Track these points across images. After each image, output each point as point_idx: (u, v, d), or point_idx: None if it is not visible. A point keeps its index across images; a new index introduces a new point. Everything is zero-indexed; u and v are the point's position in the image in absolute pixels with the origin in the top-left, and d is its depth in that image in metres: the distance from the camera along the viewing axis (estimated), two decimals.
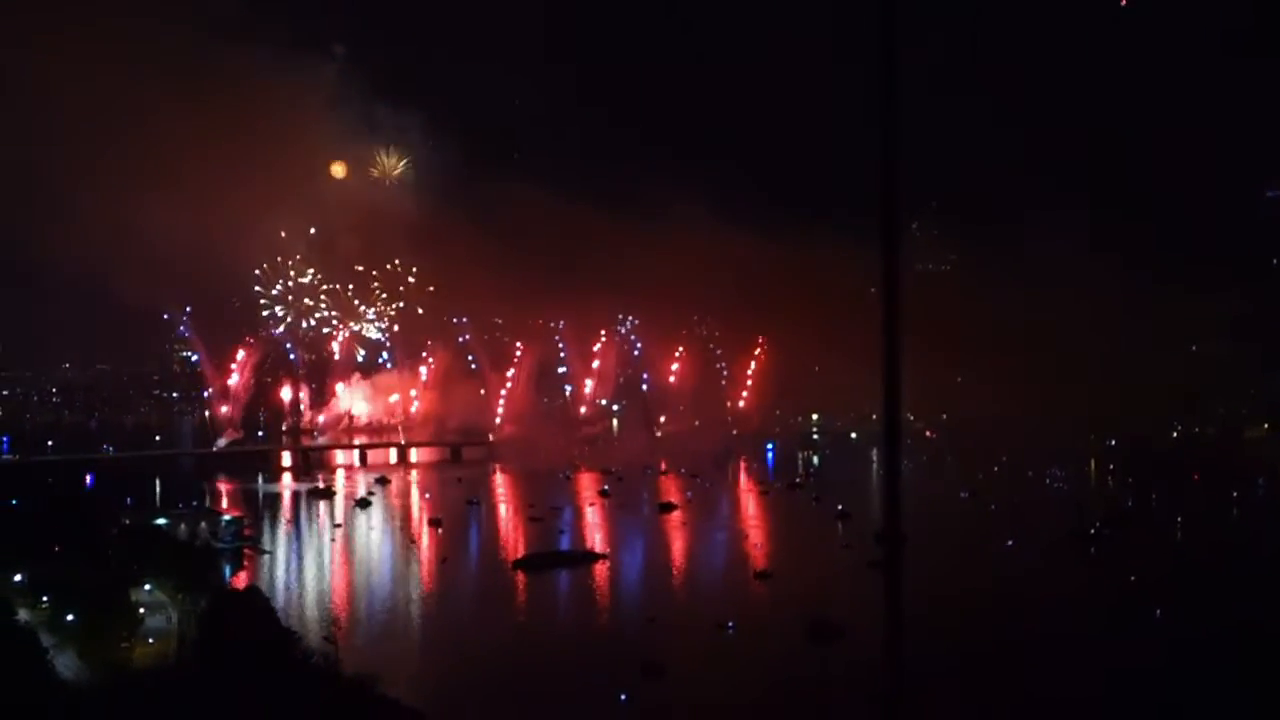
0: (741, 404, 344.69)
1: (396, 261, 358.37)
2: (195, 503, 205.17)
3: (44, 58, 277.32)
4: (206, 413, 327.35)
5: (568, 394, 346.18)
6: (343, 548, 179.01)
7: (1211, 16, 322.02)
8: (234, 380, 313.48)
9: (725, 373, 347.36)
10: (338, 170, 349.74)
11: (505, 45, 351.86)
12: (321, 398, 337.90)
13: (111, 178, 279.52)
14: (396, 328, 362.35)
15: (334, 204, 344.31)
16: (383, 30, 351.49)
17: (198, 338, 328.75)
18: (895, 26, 13.55)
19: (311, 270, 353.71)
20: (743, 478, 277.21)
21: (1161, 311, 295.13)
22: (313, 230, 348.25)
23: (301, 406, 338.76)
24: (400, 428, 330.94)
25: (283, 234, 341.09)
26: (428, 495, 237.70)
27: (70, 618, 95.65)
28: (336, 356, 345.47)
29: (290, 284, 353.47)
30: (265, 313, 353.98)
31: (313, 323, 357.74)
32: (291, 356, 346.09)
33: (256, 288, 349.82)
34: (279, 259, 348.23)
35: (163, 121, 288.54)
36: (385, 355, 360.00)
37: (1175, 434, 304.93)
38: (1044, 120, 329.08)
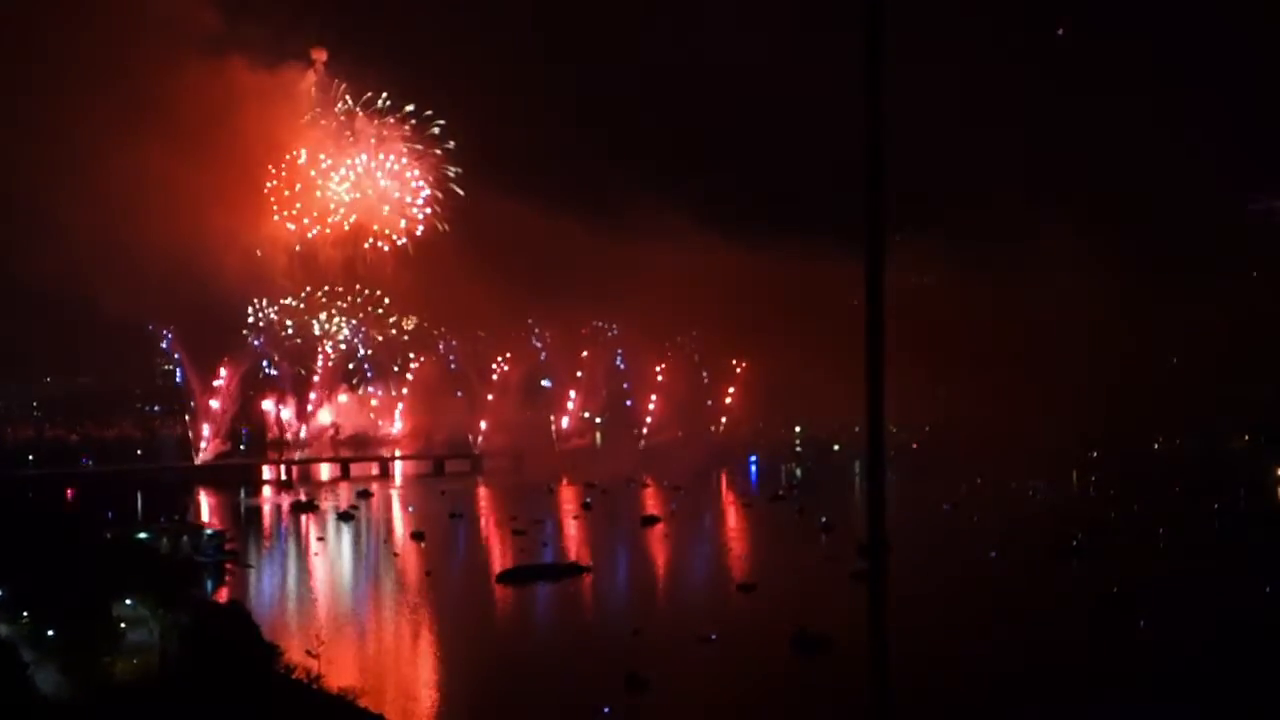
0: (725, 417, 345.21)
1: (381, 273, 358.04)
2: (177, 517, 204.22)
3: (25, 69, 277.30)
4: (189, 426, 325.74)
5: (551, 407, 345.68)
6: (325, 561, 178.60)
7: (1200, 25, 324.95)
8: (217, 394, 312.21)
9: (708, 386, 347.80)
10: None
11: (489, 55, 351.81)
12: (305, 411, 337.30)
13: (92, 191, 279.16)
14: (380, 339, 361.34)
15: (318, 215, 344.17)
16: (364, 38, 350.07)
17: (181, 351, 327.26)
18: (882, 37, 13.60)
19: (293, 283, 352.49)
20: (726, 490, 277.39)
21: (1143, 323, 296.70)
22: (298, 247, 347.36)
23: (285, 419, 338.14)
24: (383, 441, 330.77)
25: (259, 253, 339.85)
26: (411, 509, 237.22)
27: (51, 633, 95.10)
28: (320, 370, 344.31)
29: (274, 296, 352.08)
30: (251, 324, 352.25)
31: (293, 334, 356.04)
32: (274, 370, 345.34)
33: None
34: (262, 271, 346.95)
35: (144, 134, 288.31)
36: (369, 369, 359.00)
37: (1157, 445, 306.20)
38: (1029, 132, 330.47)
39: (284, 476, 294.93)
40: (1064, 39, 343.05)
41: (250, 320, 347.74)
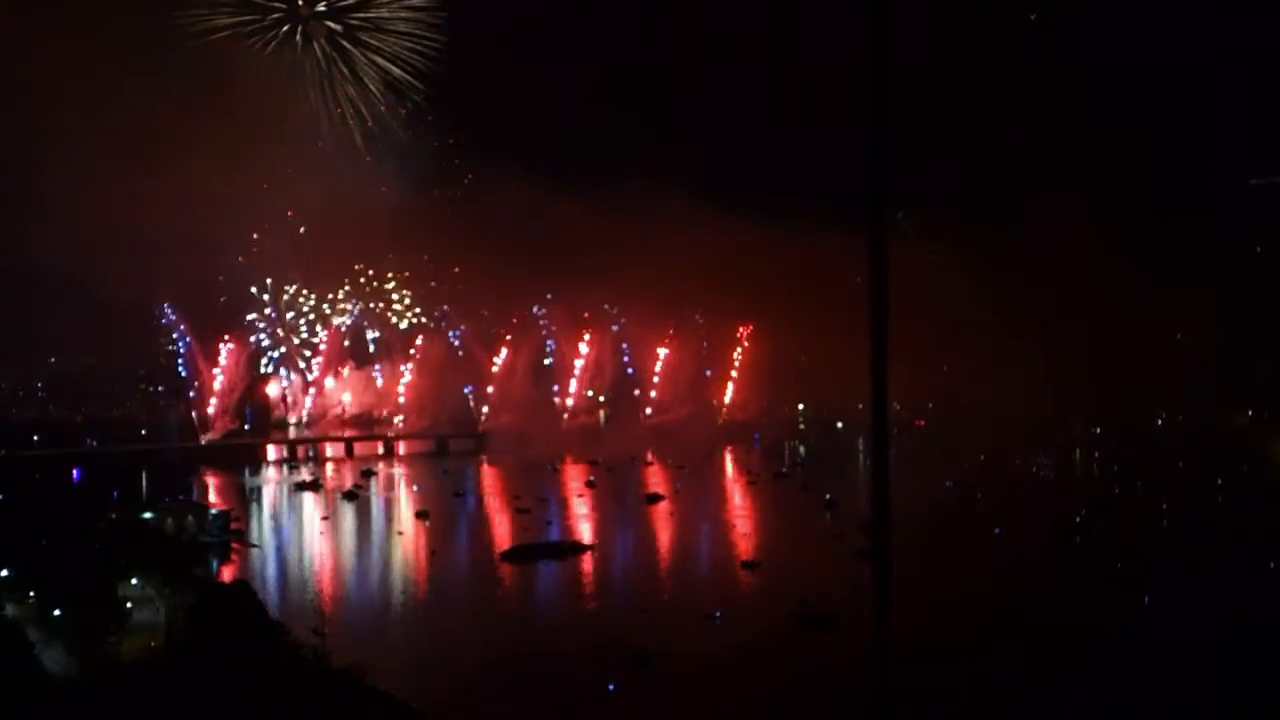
0: (729, 394, 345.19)
1: (385, 255, 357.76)
2: (182, 496, 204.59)
3: (25, 51, 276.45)
4: (193, 406, 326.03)
5: (555, 385, 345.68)
6: (330, 540, 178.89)
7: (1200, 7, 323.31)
8: (221, 373, 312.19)
9: (712, 364, 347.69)
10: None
11: (490, 32, 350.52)
12: (309, 390, 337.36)
13: (94, 169, 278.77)
14: (383, 318, 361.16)
15: (321, 193, 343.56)
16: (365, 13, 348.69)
17: (186, 330, 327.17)
18: (886, 12, 13.58)
19: (297, 262, 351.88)
20: (730, 468, 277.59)
21: (1146, 299, 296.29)
22: (302, 230, 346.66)
23: (289, 399, 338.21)
24: (387, 420, 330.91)
25: (255, 235, 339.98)
26: (415, 487, 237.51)
27: (57, 612, 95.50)
28: (324, 349, 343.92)
29: (277, 276, 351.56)
30: (255, 303, 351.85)
31: (297, 313, 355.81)
32: (279, 350, 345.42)
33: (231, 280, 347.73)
34: (265, 250, 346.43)
35: (143, 111, 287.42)
36: (373, 347, 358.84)
37: (1160, 422, 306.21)
38: (1032, 109, 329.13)
39: (288, 456, 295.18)
40: (1070, 9, 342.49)
41: (254, 300, 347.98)
